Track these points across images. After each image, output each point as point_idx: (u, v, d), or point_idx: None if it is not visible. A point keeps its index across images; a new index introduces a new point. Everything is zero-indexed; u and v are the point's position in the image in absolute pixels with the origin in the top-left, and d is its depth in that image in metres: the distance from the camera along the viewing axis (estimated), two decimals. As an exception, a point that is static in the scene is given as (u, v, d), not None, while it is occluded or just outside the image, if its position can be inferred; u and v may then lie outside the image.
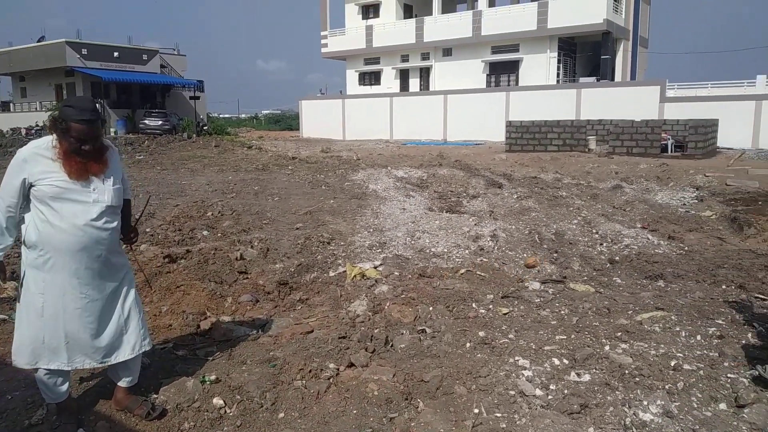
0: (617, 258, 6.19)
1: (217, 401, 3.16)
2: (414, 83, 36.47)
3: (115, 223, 2.93)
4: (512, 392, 3.23)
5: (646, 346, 3.79)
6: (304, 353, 3.72)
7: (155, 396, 3.20)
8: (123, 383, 3.11)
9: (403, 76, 36.99)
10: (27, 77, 38.83)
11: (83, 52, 33.70)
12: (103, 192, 2.83)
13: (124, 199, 3.06)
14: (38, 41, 36.33)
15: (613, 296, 4.90)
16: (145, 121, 31.25)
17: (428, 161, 15.58)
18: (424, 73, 36.15)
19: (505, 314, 4.40)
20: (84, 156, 2.75)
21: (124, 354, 3.01)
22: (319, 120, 36.33)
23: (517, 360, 3.60)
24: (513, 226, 7.42)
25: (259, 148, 22.23)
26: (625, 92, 26.00)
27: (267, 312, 4.65)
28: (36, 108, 36.87)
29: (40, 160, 2.73)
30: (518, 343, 3.87)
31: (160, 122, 31.23)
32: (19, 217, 2.81)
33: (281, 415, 3.11)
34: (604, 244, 6.74)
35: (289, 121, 53.64)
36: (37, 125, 32.35)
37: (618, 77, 32.15)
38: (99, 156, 2.82)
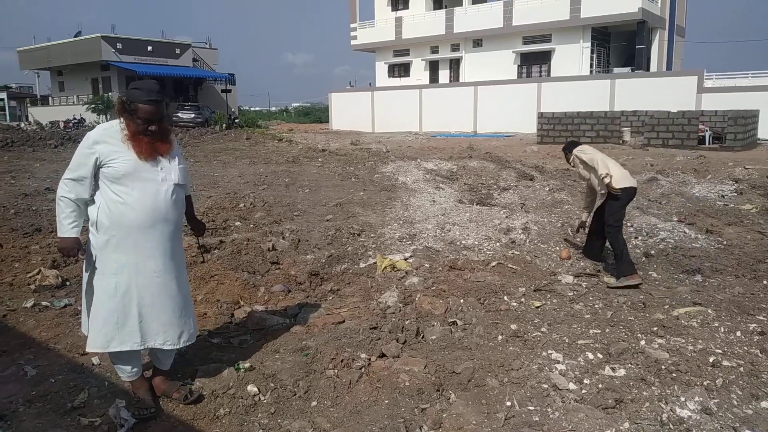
0: (653, 252, 6.07)
1: (252, 388, 3.21)
2: (444, 75, 36.20)
3: (181, 203, 3.03)
4: (545, 386, 3.21)
5: (683, 341, 3.72)
6: (336, 343, 3.76)
7: (191, 382, 3.28)
8: (164, 367, 3.19)
9: (433, 67, 36.75)
10: (64, 71, 39.86)
11: (118, 47, 34.43)
12: (169, 171, 2.92)
13: (190, 195, 3.21)
14: (75, 36, 37.22)
15: (649, 290, 4.81)
16: (179, 114, 31.78)
17: (458, 153, 15.47)
18: (454, 65, 35.85)
19: (537, 307, 4.36)
20: (152, 136, 2.85)
21: (187, 338, 3.09)
22: (349, 112, 36.38)
23: (550, 353, 3.57)
24: (545, 219, 7.33)
25: (290, 140, 22.40)
26: (661, 83, 25.35)
27: (299, 302, 4.70)
28: (73, 101, 37.83)
29: (109, 141, 2.83)
30: (551, 336, 3.84)
31: (193, 115, 31.73)
32: (89, 197, 2.88)
33: (314, 403, 3.14)
34: (639, 238, 6.61)
35: (318, 114, 53.87)
36: (74, 118, 33.20)
37: (653, 67, 31.37)
38: (165, 136, 2.92)
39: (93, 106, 34.03)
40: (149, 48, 35.90)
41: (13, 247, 5.93)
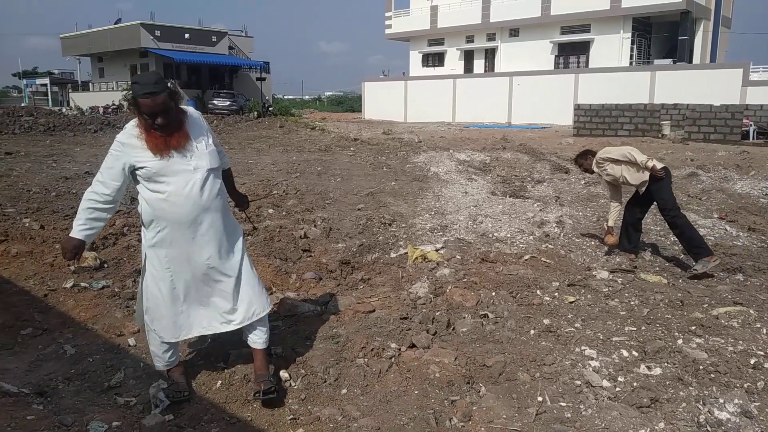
0: (692, 249, 5.89)
1: (283, 374, 3.25)
2: (479, 64, 35.78)
3: (219, 185, 2.95)
4: (578, 382, 3.16)
5: (723, 341, 3.61)
6: (366, 332, 3.76)
7: (223, 365, 3.33)
8: (258, 345, 3.14)
9: (468, 57, 36.34)
10: (104, 58, 40.71)
11: (156, 34, 34.98)
12: (200, 157, 2.83)
13: (229, 168, 3.17)
14: (115, 23, 37.95)
15: (687, 288, 4.68)
16: (214, 102, 32.19)
17: (492, 144, 15.31)
18: (489, 55, 35.38)
19: (571, 303, 4.29)
20: (161, 130, 2.73)
21: (244, 318, 3.05)
22: (381, 102, 36.30)
23: (584, 350, 3.51)
24: (580, 213, 7.20)
25: (322, 129, 22.49)
26: (704, 75, 24.56)
27: (330, 290, 4.71)
28: (113, 87, 38.66)
29: (133, 142, 2.79)
30: (585, 332, 3.77)
31: (228, 102, 32.10)
32: (115, 201, 2.91)
33: (344, 391, 3.16)
34: (678, 234, 6.42)
35: (351, 103, 53.91)
36: (113, 104, 33.95)
37: (696, 59, 30.41)
38: (177, 128, 2.79)
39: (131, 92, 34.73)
40: (186, 35, 36.37)
41: (54, 228, 6.10)
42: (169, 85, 2.75)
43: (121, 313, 4.13)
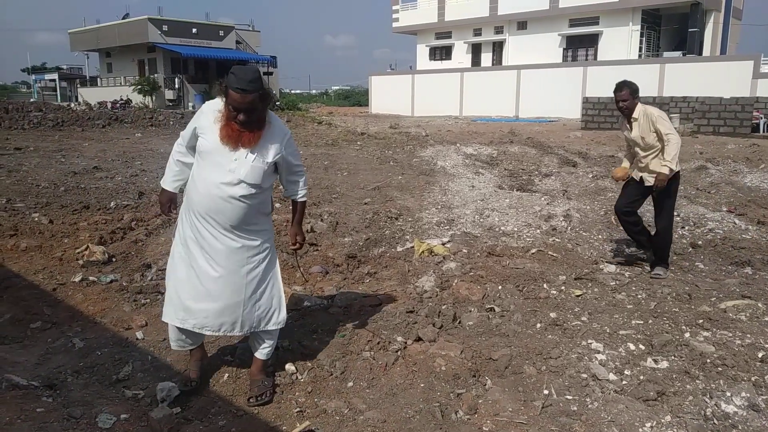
0: (700, 242, 5.86)
1: (290, 367, 3.26)
2: (486, 58, 35.60)
3: (249, 200, 2.83)
4: (584, 375, 3.15)
5: (731, 335, 3.59)
6: (372, 325, 3.77)
7: (230, 358, 3.35)
8: (257, 353, 3.12)
9: (475, 50, 36.17)
10: (112, 53, 40.84)
11: (164, 29, 35.03)
12: (241, 165, 2.77)
13: (298, 201, 3.08)
14: (123, 18, 38.03)
15: (695, 282, 4.65)
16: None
17: (499, 138, 15.25)
18: (497, 48, 35.19)
19: (578, 296, 4.27)
20: (240, 125, 2.73)
21: (234, 330, 2.99)
22: (389, 96, 36.21)
23: (590, 343, 3.50)
24: (587, 206, 7.17)
25: (329, 123, 22.49)
26: (714, 68, 24.32)
27: (336, 284, 4.73)
28: (120, 83, 38.79)
29: (209, 115, 2.83)
30: (591, 326, 3.76)
31: (235, 97, 32.08)
32: (188, 161, 2.99)
33: (350, 384, 3.17)
34: (686, 228, 6.39)
35: (358, 97, 53.86)
36: (121, 99, 34.08)
37: (707, 51, 30.11)
38: (254, 129, 2.76)
39: (139, 87, 34.83)
40: (194, 30, 36.39)
41: (62, 223, 6.15)
42: (261, 81, 2.72)
43: (129, 306, 4.16)
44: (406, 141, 15.18)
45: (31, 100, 38.29)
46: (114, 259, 5.13)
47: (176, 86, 35.25)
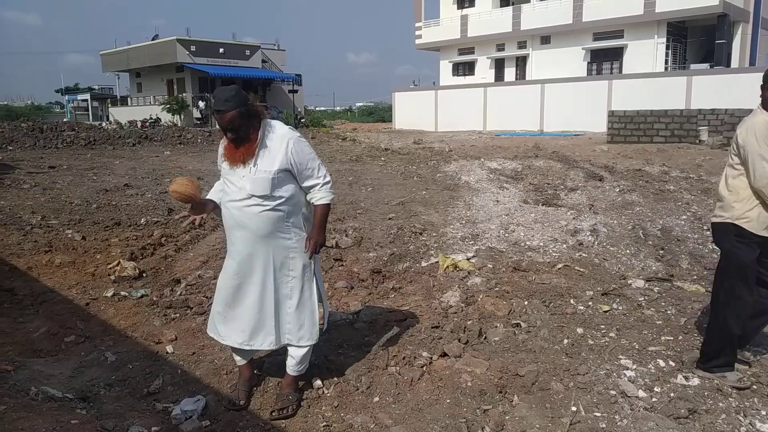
0: (732, 257, 5.74)
1: (316, 381, 3.28)
2: (509, 73, 35.56)
3: (268, 212, 2.88)
4: (613, 392, 3.11)
5: (765, 352, 3.51)
6: (397, 340, 3.78)
7: (258, 372, 3.38)
8: (289, 370, 3.16)
9: (498, 65, 36.17)
10: (142, 73, 41.89)
11: (192, 49, 35.84)
12: (248, 180, 2.84)
13: (320, 205, 3.01)
14: (152, 39, 39.03)
15: (727, 298, 4.55)
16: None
17: (523, 152, 15.18)
18: (521, 62, 35.14)
19: (605, 312, 4.22)
20: (233, 142, 2.86)
21: (263, 343, 3.05)
22: (412, 111, 36.36)
23: (619, 359, 3.45)
24: (615, 221, 7.08)
25: (353, 139, 22.66)
26: (743, 79, 23.85)
27: (361, 299, 4.75)
28: (150, 102, 39.70)
29: (222, 143, 3.01)
30: (620, 342, 3.71)
31: (261, 115, 32.55)
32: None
33: (376, 399, 3.18)
34: (711, 245, 6.26)
35: (381, 113, 54.18)
36: (151, 118, 34.85)
37: (735, 63, 29.60)
38: (245, 144, 2.85)
39: (168, 106, 35.61)
40: (221, 50, 37.15)
41: (94, 239, 6.31)
42: (247, 102, 2.81)
43: (159, 321, 4.24)
44: (430, 156, 15.21)
45: (64, 119, 39.43)
46: (144, 275, 5.24)
47: (201, 105, 35.88)
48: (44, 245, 5.91)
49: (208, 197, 3.06)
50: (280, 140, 2.90)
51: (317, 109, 66.82)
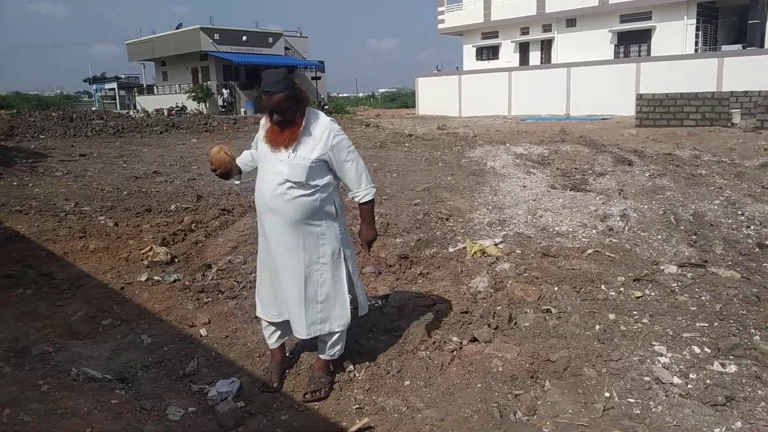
0: (767, 242, 5.61)
1: (347, 365, 3.32)
2: (534, 56, 35.01)
3: (302, 199, 2.88)
4: (647, 378, 3.08)
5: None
6: (426, 325, 3.79)
7: (290, 355, 3.42)
8: (321, 354, 3.19)
9: (523, 49, 35.63)
10: (167, 62, 42.25)
11: (215, 38, 35.98)
12: (285, 164, 2.86)
13: (364, 203, 3.03)
14: (176, 28, 39.29)
15: (764, 283, 4.46)
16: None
17: (550, 137, 14.98)
18: (546, 46, 34.55)
19: (638, 298, 4.17)
20: (277, 125, 2.88)
21: (298, 330, 3.07)
22: (435, 97, 36.09)
23: (653, 346, 3.41)
24: (645, 206, 6.97)
25: (377, 125, 22.61)
26: (778, 60, 23.13)
27: (389, 284, 4.77)
28: (176, 90, 40.06)
29: (263, 125, 3.05)
30: (653, 328, 3.66)
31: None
32: (249, 160, 3.22)
33: (407, 382, 3.20)
34: (752, 227, 6.13)
35: (405, 99, 53.89)
36: (177, 106, 35.21)
37: (769, 43, 28.69)
38: (289, 128, 2.86)
39: (193, 94, 35.91)
40: (244, 38, 37.22)
41: (127, 225, 6.43)
42: (294, 86, 2.84)
43: (193, 305, 4.31)
44: (455, 142, 15.11)
45: (93, 108, 40.05)
46: (176, 260, 5.33)
47: (225, 94, 36.08)
48: (78, 231, 6.05)
49: (236, 161, 3.17)
50: (323, 129, 2.92)
51: (340, 95, 66.72)
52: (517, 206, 7.31)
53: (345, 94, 74.77)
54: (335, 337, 3.14)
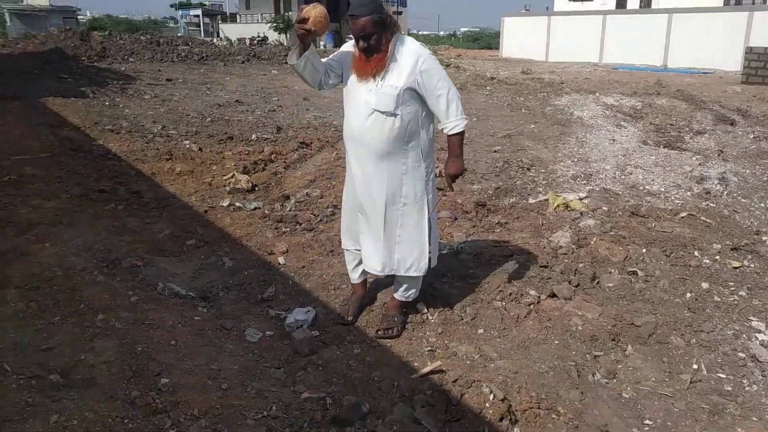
0: None
1: (420, 306, 3.29)
2: (633, 0, 32.52)
3: (389, 131, 2.77)
4: (741, 354, 2.88)
5: None
6: (503, 275, 3.69)
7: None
8: (396, 294, 3.16)
9: (622, -9, 33.11)
10: (251, -10, 42.28)
11: (299, -34, 35.49)
12: (373, 94, 2.74)
13: (453, 134, 2.87)
14: (262, -46, 38.98)
15: None
16: (351, 36, 32.44)
17: (644, 89, 14.01)
18: (647, -11, 31.94)
19: (735, 268, 3.88)
20: (364, 52, 2.73)
21: (371, 266, 3.04)
22: (521, 39, 34.41)
23: (750, 321, 3.18)
24: (747, 170, 6.43)
25: (457, 66, 21.89)
26: None
27: (465, 231, 4.67)
28: (258, 20, 40.21)
29: (347, 55, 2.89)
30: (751, 302, 3.41)
31: (364, 37, 32.13)
32: (321, 72, 2.86)
33: (480, 330, 3.15)
34: None
35: (488, 40, 51.74)
36: (258, 36, 35.42)
37: None
38: (375, 55, 2.72)
39: (274, 24, 35.94)
40: (328, -33, 36.57)
41: (210, 151, 6.59)
42: (382, 9, 2.66)
43: (272, 233, 4.40)
44: (540, 88, 14.41)
45: (179, 34, 40.97)
46: (256, 188, 5.43)
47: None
48: (165, 153, 6.25)
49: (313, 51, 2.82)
50: (411, 55, 2.74)
51: (420, 33, 64.94)
52: (604, 160, 6.92)
53: (425, 32, 72.73)
54: (411, 280, 3.10)
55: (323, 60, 2.90)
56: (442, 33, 75.98)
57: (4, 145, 6.02)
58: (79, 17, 37.67)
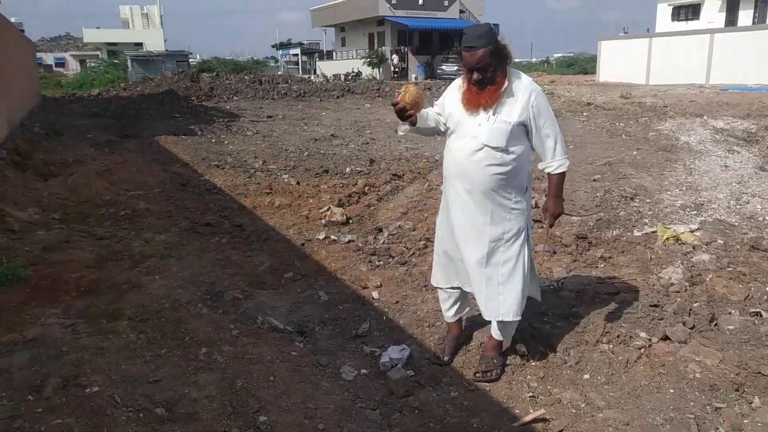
0: None
1: (520, 348, 3.15)
2: (745, 16, 30.45)
3: (497, 167, 2.70)
4: None
5: None
6: (609, 315, 3.47)
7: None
8: (494, 333, 3.04)
9: (731, 7, 31.14)
10: (346, 28, 43.98)
11: (392, 2, 36.51)
12: (484, 129, 2.67)
13: (555, 174, 2.82)
14: (357, -6, 40.53)
15: None
16: (442, 67, 32.77)
17: (758, 110, 12.95)
18: (760, 3, 29.81)
19: None
20: (475, 84, 2.66)
21: (482, 308, 2.94)
22: (619, 62, 33.15)
23: None
24: None
25: (551, 92, 21.39)
26: None
27: (566, 265, 4.46)
28: (353, 56, 41.66)
29: (454, 89, 2.87)
30: None
31: (456, 68, 32.34)
32: (430, 122, 2.91)
33: (586, 376, 2.96)
34: None
35: (583, 64, 50.26)
36: (352, 71, 36.64)
37: None
38: (490, 87, 2.66)
39: (368, 60, 37.07)
40: (420, 2, 37.31)
41: (307, 185, 6.82)
42: (498, 41, 2.63)
43: (365, 267, 4.43)
44: (641, 112, 13.73)
45: (279, 72, 43.28)
46: (350, 221, 5.52)
47: (395, 59, 36.62)
48: (265, 187, 6.54)
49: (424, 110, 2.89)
50: (525, 90, 2.68)
51: (513, 61, 64.17)
52: (716, 189, 6.43)
53: (518, 60, 71.85)
54: (512, 323, 2.98)
55: (431, 109, 2.94)
56: (534, 59, 74.85)
57: (122, 181, 6.56)
58: (190, 60, 40.77)
